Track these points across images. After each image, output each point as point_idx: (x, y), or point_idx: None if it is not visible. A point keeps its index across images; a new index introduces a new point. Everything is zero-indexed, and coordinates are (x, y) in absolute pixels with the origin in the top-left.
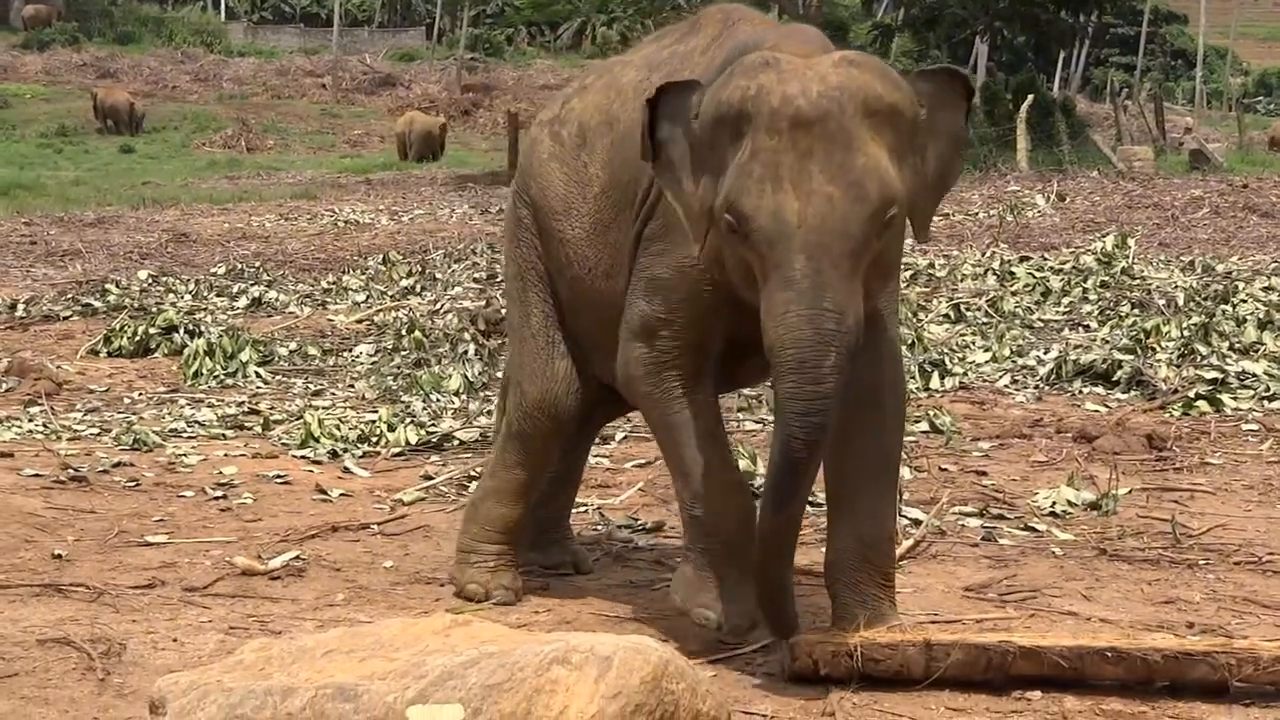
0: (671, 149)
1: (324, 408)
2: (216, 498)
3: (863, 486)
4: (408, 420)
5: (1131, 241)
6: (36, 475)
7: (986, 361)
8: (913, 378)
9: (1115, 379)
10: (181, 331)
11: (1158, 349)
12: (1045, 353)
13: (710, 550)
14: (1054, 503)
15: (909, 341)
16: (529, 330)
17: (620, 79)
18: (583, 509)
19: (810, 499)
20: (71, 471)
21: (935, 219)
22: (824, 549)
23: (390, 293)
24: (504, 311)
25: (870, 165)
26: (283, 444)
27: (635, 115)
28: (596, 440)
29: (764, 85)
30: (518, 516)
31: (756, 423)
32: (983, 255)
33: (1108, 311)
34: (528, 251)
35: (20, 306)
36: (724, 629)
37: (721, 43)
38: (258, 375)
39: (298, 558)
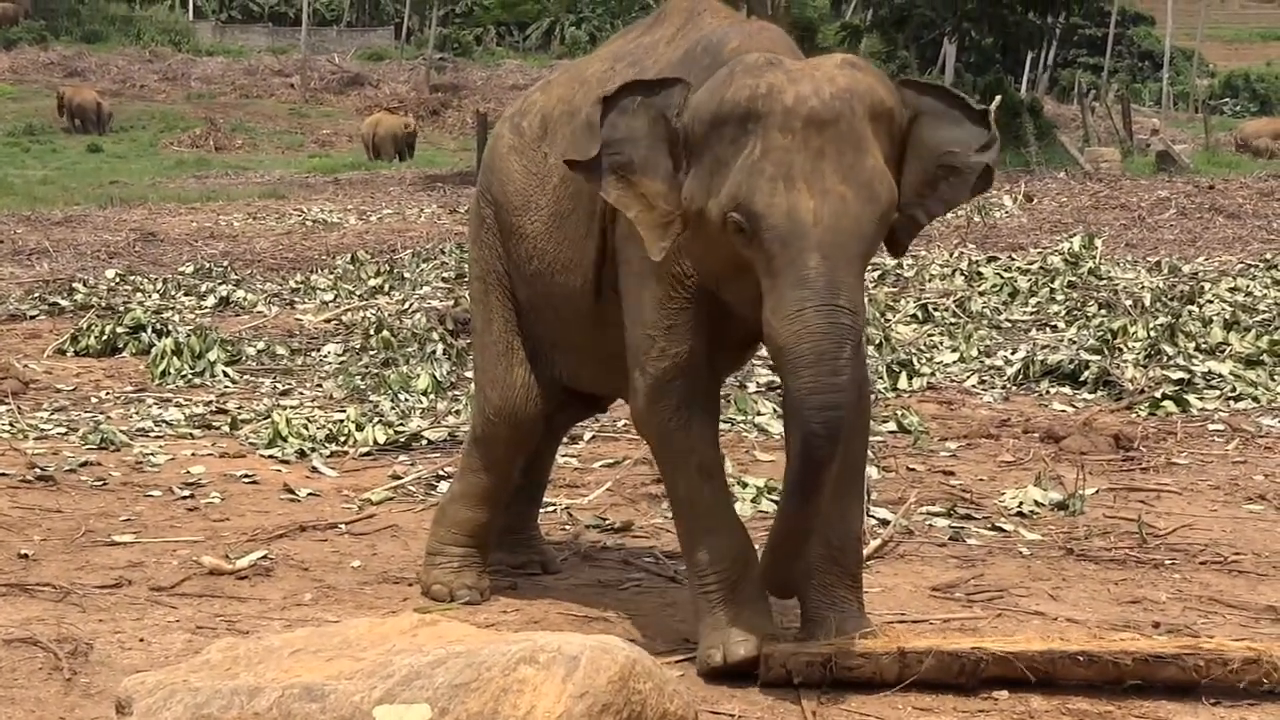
0: (629, 149)
1: (292, 407)
2: (184, 497)
3: (830, 495)
4: (376, 420)
5: (1098, 242)
6: (3, 475)
7: (954, 362)
8: (880, 378)
9: (1082, 379)
10: (149, 331)
11: (1124, 349)
12: (1012, 353)
13: (709, 588)
14: (1021, 502)
15: (877, 341)
16: (490, 336)
17: (584, 71)
18: (551, 508)
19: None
20: (38, 471)
21: None
22: None
23: (358, 292)
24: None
25: (878, 167)
26: (250, 443)
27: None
28: (564, 440)
29: (774, 84)
30: (484, 520)
31: (724, 422)
32: (950, 255)
33: (1075, 312)
34: (489, 254)
35: None
36: (728, 661)
37: (685, 33)
38: (225, 375)
39: (265, 557)
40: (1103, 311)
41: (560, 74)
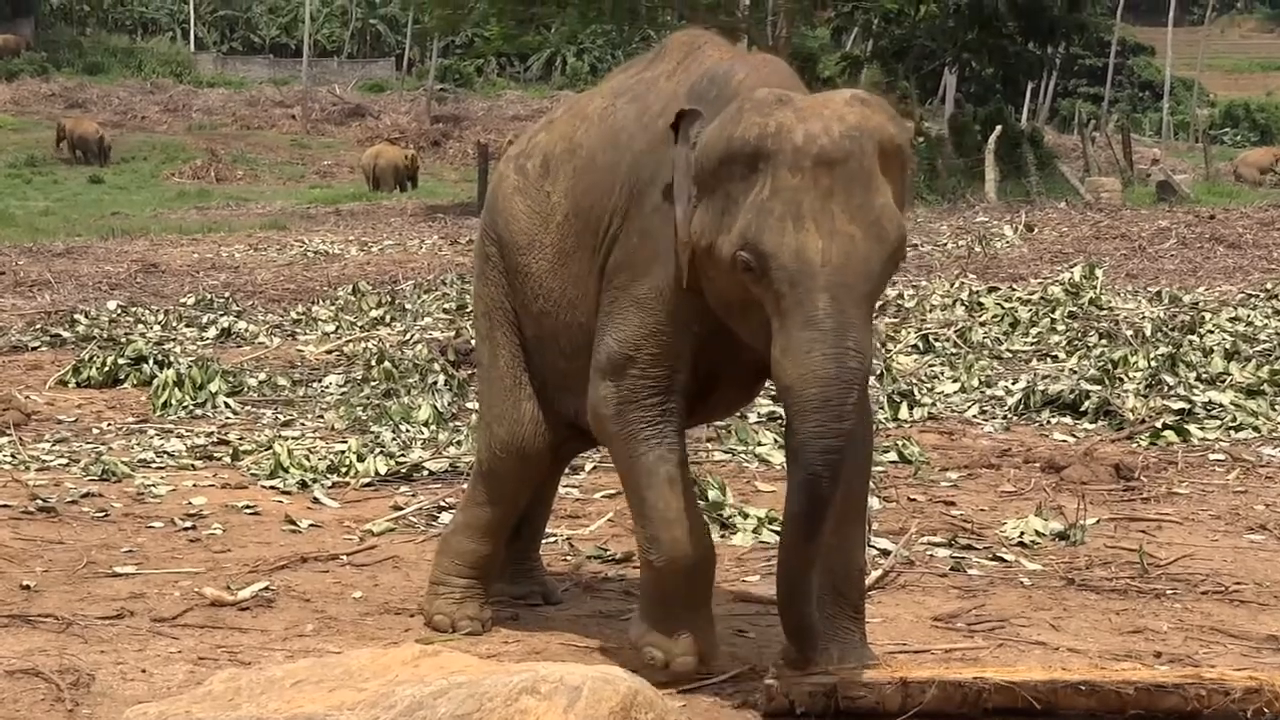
0: (676, 173)
1: (293, 438)
2: (185, 528)
3: (832, 521)
4: (377, 451)
5: (1099, 272)
6: (5, 506)
7: (955, 392)
8: (881, 408)
9: (1083, 409)
10: (151, 362)
11: (1125, 379)
12: (1013, 383)
13: (663, 591)
14: (1022, 533)
15: (878, 372)
16: (496, 370)
17: (586, 108)
18: (552, 539)
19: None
20: (40, 502)
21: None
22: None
23: (360, 323)
24: (474, 343)
25: (886, 205)
26: (252, 474)
27: (598, 141)
28: (565, 470)
29: (784, 123)
30: (488, 552)
31: (726, 453)
32: (951, 286)
33: (1075, 342)
34: (495, 290)
35: None
36: (670, 667)
37: (686, 67)
38: (227, 406)
39: (267, 588)
40: (1103, 341)
41: (563, 111)
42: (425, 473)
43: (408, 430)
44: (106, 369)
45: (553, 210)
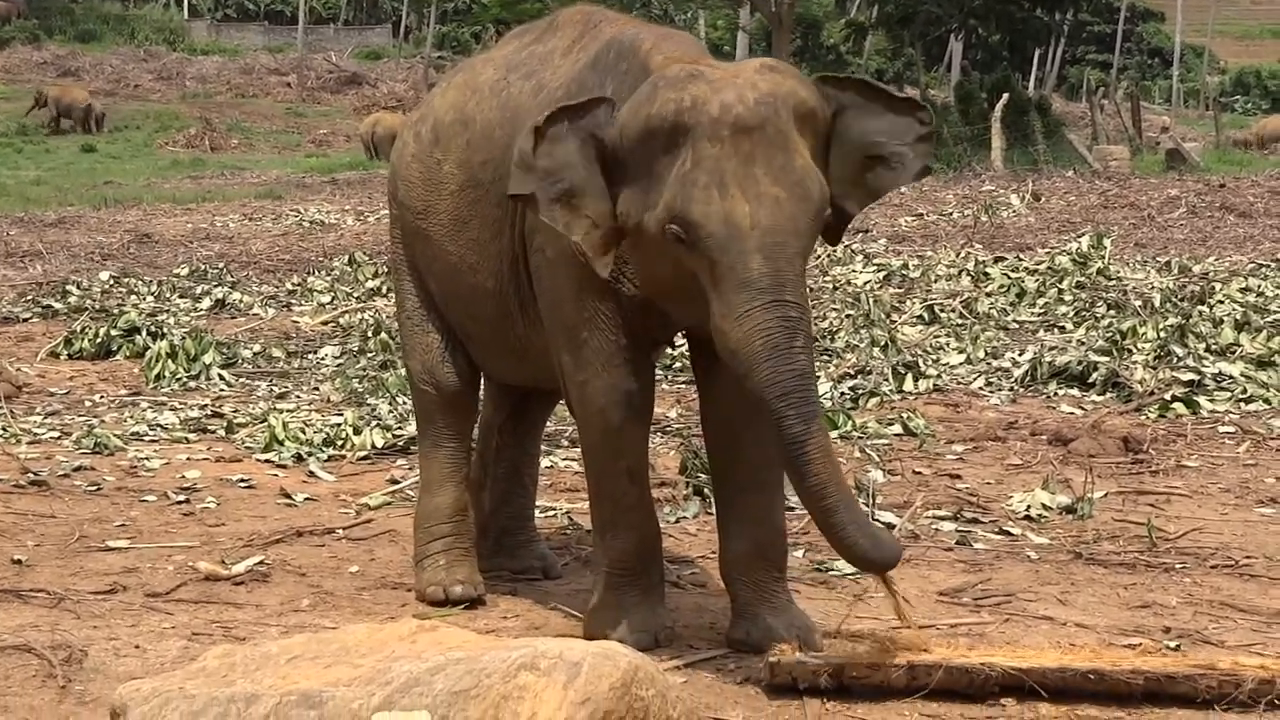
0: (568, 174)
1: (288, 410)
2: (179, 502)
3: (751, 489)
4: (373, 423)
5: (1107, 242)
6: None
7: (961, 363)
8: (886, 380)
9: (1091, 381)
10: (144, 333)
11: (1134, 350)
12: (1020, 354)
13: (614, 574)
14: (1029, 506)
15: (883, 343)
16: (405, 314)
17: (478, 78)
18: (551, 513)
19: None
20: (31, 475)
21: (910, 218)
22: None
23: (356, 294)
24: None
25: (807, 166)
26: (246, 447)
27: (494, 116)
28: (564, 444)
29: (698, 96)
30: (453, 500)
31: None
32: (957, 256)
33: (1083, 313)
34: (399, 248)
35: None
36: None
37: (585, 45)
38: (221, 378)
39: (262, 563)
40: (1111, 312)
41: (458, 76)
42: None
43: (404, 402)
44: (99, 341)
45: (445, 179)
